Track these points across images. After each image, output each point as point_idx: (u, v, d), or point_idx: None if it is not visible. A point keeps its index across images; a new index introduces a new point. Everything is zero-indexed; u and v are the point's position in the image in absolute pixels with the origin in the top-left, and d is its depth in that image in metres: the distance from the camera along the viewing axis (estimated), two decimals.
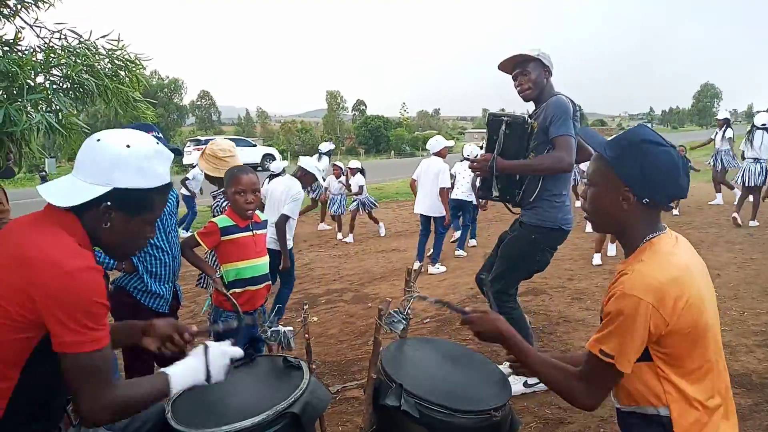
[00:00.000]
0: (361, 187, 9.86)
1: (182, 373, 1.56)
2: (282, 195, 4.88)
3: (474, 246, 8.48)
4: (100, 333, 1.38)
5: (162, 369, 1.56)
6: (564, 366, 1.62)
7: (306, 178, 5.10)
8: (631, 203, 1.51)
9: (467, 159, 7.63)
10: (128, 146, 1.47)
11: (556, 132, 3.12)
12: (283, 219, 4.73)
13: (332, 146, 11.49)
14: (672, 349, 1.44)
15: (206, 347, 1.64)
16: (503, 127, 3.24)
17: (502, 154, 3.26)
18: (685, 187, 1.53)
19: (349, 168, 10.32)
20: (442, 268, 7.11)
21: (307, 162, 5.23)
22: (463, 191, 7.91)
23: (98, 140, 1.48)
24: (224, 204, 3.53)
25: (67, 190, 1.46)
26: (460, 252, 8.02)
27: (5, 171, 2.71)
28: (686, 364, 1.45)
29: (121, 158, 1.46)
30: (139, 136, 1.53)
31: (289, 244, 4.96)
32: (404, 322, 2.19)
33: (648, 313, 1.39)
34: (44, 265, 1.34)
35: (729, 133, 10.27)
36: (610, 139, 1.61)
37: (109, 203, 1.46)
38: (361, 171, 10.09)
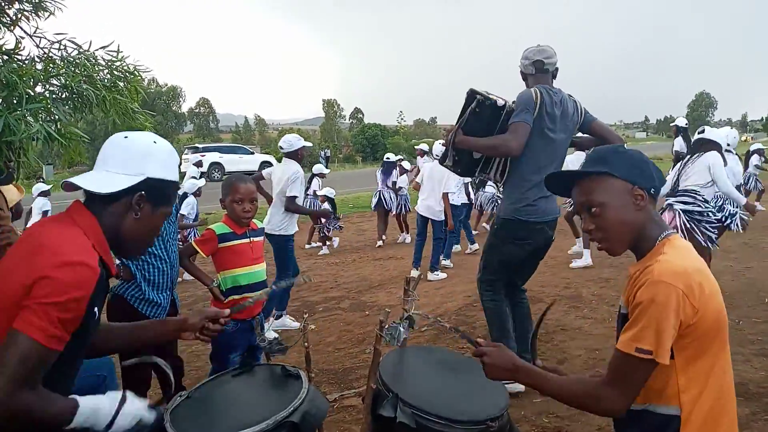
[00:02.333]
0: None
1: (88, 413, 1.44)
2: (282, 177, 5.21)
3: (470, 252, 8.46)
4: (56, 333, 1.34)
5: (77, 399, 1.44)
6: (582, 378, 1.61)
7: (297, 153, 5.40)
8: (645, 199, 1.55)
9: (437, 157, 7.30)
10: (155, 142, 1.63)
11: (511, 120, 3.31)
12: (291, 200, 5.09)
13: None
14: (697, 342, 1.43)
15: (124, 400, 1.54)
16: (473, 105, 3.41)
17: (469, 131, 3.43)
18: (659, 170, 1.64)
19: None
20: (442, 275, 7.07)
21: (286, 139, 5.48)
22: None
23: (126, 137, 1.60)
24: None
25: (103, 180, 1.53)
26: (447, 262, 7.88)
27: (6, 177, 2.71)
28: (705, 360, 1.45)
29: (151, 150, 1.60)
30: (157, 136, 1.69)
31: (292, 229, 5.20)
32: (404, 335, 2.19)
33: (679, 300, 1.38)
34: (51, 249, 1.39)
35: (680, 143, 9.47)
36: (588, 158, 1.67)
37: (143, 192, 1.56)
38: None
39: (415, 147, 10.19)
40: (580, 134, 3.68)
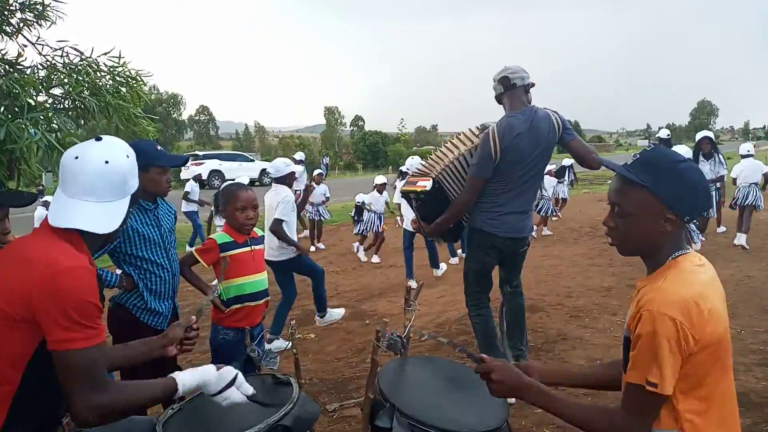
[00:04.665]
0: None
1: (197, 385, 1.67)
2: (273, 202, 5.04)
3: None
4: (93, 331, 1.44)
5: (176, 378, 1.64)
6: (596, 406, 1.59)
7: (287, 179, 5.25)
8: (674, 224, 1.49)
9: (405, 173, 7.58)
10: (128, 156, 1.67)
11: (469, 172, 3.49)
12: (277, 223, 4.87)
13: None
14: (696, 369, 1.42)
15: (231, 385, 1.73)
16: (413, 204, 3.71)
17: (429, 216, 3.69)
18: (712, 197, 1.54)
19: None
20: (444, 266, 7.45)
21: (275, 165, 5.39)
22: None
23: (106, 162, 1.60)
24: None
25: (104, 218, 1.59)
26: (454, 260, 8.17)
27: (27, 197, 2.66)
28: (705, 386, 1.44)
29: (129, 168, 1.67)
30: (122, 144, 1.70)
31: (290, 253, 5.03)
32: (401, 346, 2.19)
33: (679, 331, 1.37)
34: (41, 262, 1.43)
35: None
36: (634, 162, 1.54)
37: (130, 208, 1.68)
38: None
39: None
40: None
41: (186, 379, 1.65)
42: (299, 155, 12.89)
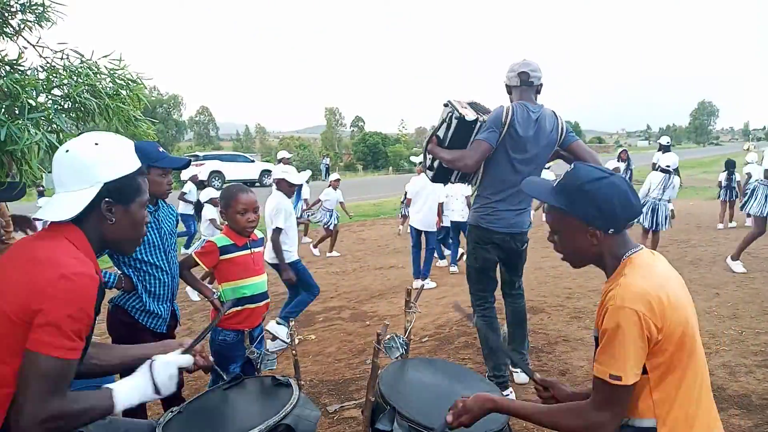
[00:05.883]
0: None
1: (127, 390, 1.55)
2: (269, 210, 4.96)
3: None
4: (74, 344, 1.41)
5: (107, 385, 1.54)
6: (567, 406, 1.64)
7: (282, 185, 5.06)
8: (599, 238, 1.61)
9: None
10: (96, 144, 1.57)
11: (476, 136, 3.46)
12: (276, 232, 4.84)
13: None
14: (665, 356, 1.48)
15: (151, 362, 1.63)
16: (445, 117, 3.59)
17: (444, 140, 3.60)
18: (638, 205, 1.63)
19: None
20: (432, 284, 7.19)
21: (276, 170, 5.31)
22: (460, 212, 7.74)
23: (67, 151, 1.56)
24: None
25: (63, 205, 1.53)
26: (454, 268, 8.10)
27: (19, 191, 2.62)
28: (675, 373, 1.50)
29: (95, 156, 1.55)
30: (101, 134, 1.62)
31: (294, 256, 5.00)
32: (401, 349, 2.19)
33: (641, 322, 1.44)
34: (49, 264, 1.42)
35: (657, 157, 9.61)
36: (557, 185, 1.70)
37: (108, 199, 1.55)
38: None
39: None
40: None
41: (121, 400, 1.52)
42: (281, 154, 11.83)
